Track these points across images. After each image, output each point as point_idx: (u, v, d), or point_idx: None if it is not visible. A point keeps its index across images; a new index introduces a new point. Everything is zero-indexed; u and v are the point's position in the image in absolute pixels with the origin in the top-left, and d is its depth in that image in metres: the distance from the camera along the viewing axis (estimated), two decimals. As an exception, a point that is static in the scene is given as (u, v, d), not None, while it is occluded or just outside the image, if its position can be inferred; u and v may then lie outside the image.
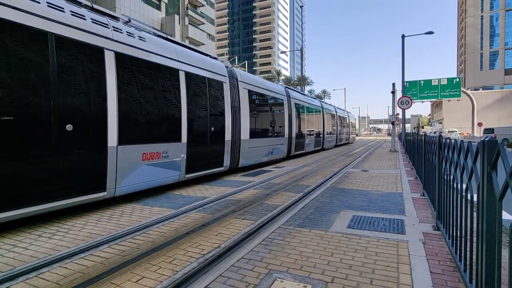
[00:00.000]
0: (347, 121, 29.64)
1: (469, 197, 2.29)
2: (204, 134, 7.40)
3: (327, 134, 20.63)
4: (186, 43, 33.77)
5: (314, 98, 20.23)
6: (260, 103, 10.95)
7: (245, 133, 9.30)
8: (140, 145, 5.54)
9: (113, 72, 5.03)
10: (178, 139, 6.45)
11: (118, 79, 5.10)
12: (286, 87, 14.37)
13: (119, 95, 5.10)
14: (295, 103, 14.32)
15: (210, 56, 8.49)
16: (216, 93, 7.94)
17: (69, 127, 4.30)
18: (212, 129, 7.61)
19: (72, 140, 4.39)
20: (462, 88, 30.85)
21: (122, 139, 5.12)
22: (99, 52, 4.83)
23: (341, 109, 27.74)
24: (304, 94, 17.70)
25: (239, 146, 9.07)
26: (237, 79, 9.24)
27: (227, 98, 8.42)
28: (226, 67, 9.04)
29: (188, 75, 6.80)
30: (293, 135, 13.74)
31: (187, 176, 6.75)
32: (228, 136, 8.33)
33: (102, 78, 4.87)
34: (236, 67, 12.03)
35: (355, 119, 38.40)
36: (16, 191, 3.73)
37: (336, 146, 23.96)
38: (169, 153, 6.16)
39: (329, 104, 24.51)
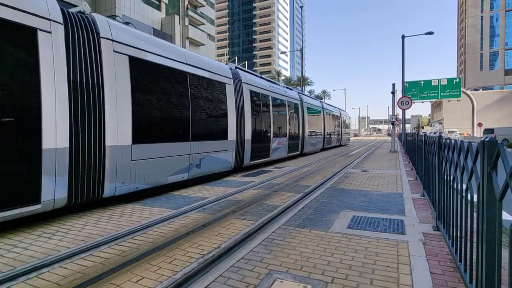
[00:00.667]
0: (339, 120, 25.93)
1: (469, 198, 2.29)
2: None
3: (309, 135, 16.49)
4: (186, 43, 33.86)
5: (291, 89, 15.88)
6: (168, 85, 6.50)
7: (120, 135, 5.26)
8: None
9: None
10: None
11: None
12: (236, 67, 10.14)
13: None
14: (251, 91, 10.06)
15: None
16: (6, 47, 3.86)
17: None
18: None
19: None
20: (462, 89, 30.87)
21: None
22: None
23: (330, 105, 24.45)
24: (270, 81, 13.00)
25: (102, 160, 5.00)
26: (97, 33, 5.08)
27: (53, 64, 4.28)
28: (75, 13, 5.02)
29: None
30: (247, 136, 9.62)
31: None
32: (54, 140, 4.25)
33: None
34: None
35: (349, 118, 32.94)
36: None
37: (323, 149, 20.36)
38: None
39: (314, 98, 21.01)
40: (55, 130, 4.31)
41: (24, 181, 3.99)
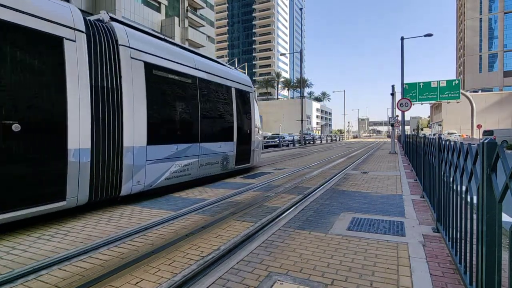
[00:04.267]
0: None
1: (469, 199, 2.29)
2: None
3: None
4: (186, 45, 33.95)
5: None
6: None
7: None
8: None
9: None
10: None
11: None
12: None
13: None
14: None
15: None
16: None
17: None
18: None
19: None
20: (461, 90, 30.97)
21: None
22: None
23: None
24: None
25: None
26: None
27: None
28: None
29: None
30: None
31: None
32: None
33: None
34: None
35: (249, 92, 9.90)
36: None
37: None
38: None
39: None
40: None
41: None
